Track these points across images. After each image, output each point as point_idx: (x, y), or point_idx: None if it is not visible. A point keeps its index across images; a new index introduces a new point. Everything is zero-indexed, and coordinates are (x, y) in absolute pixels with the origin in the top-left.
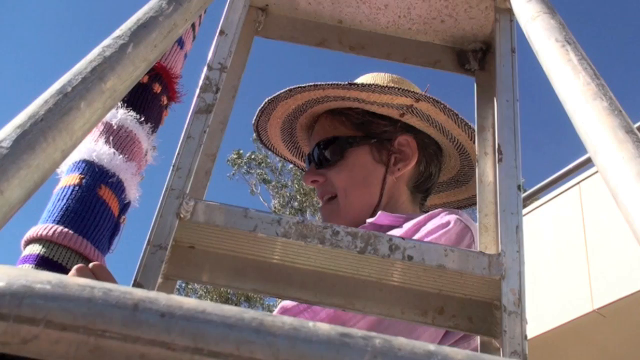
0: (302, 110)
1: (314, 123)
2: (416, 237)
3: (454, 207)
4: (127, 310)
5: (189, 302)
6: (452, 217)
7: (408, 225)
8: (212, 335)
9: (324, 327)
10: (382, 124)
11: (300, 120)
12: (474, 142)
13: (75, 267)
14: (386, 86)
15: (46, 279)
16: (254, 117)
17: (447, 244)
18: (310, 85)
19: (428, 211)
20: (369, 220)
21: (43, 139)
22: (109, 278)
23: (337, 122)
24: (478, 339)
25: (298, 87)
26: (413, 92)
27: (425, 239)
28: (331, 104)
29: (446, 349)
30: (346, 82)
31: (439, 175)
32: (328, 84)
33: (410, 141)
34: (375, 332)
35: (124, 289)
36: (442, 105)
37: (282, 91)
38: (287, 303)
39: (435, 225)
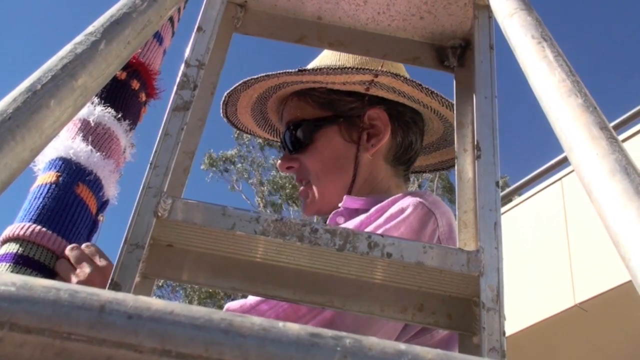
0: (266, 97)
1: (282, 105)
2: (378, 222)
3: (448, 165)
4: (93, 312)
5: (157, 303)
6: (413, 201)
7: (372, 211)
8: (180, 336)
9: (293, 328)
10: (348, 100)
11: (269, 104)
12: (446, 108)
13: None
14: (338, 67)
15: (10, 280)
16: (221, 110)
17: (408, 229)
18: (263, 76)
19: (419, 172)
20: (340, 205)
21: (11, 138)
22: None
23: (302, 104)
24: (440, 331)
25: (251, 79)
26: (369, 69)
27: (386, 225)
28: (293, 87)
29: (417, 348)
30: (296, 69)
31: (421, 141)
32: (280, 73)
33: (380, 114)
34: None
35: (91, 290)
36: (402, 78)
37: (237, 84)
38: (232, 304)
39: (395, 211)
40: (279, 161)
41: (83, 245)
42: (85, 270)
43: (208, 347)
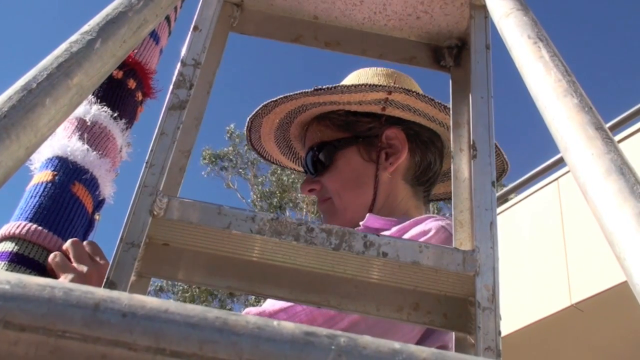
0: (287, 122)
1: (304, 131)
2: None
3: None
4: (87, 310)
5: (152, 302)
6: (435, 225)
7: (393, 230)
8: (175, 335)
9: (288, 326)
10: (366, 121)
11: (292, 131)
12: None
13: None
14: (352, 85)
15: (5, 278)
16: (245, 138)
17: None
18: (281, 98)
19: (441, 200)
20: (361, 223)
21: (6, 136)
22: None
23: (322, 127)
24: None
25: (271, 102)
26: (382, 85)
27: None
28: (314, 111)
29: (411, 347)
30: (312, 89)
31: (441, 162)
32: (297, 93)
33: (397, 133)
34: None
35: (85, 289)
36: (415, 94)
37: (257, 109)
38: (251, 310)
39: (417, 232)
40: (302, 185)
41: (85, 242)
42: (83, 267)
43: (202, 346)
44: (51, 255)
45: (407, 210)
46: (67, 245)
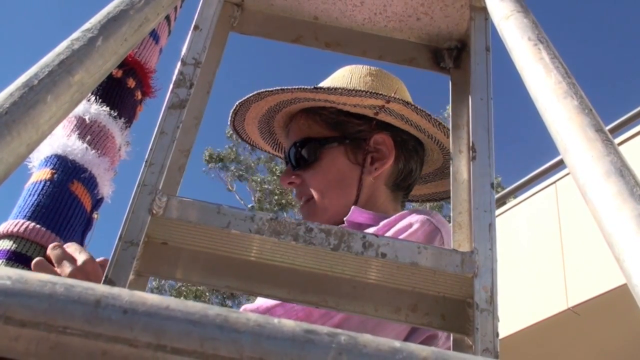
0: (275, 110)
1: (290, 121)
2: (386, 235)
3: (443, 197)
4: (88, 306)
5: (152, 298)
6: (421, 218)
7: (380, 224)
8: (176, 331)
9: (289, 324)
10: (356, 123)
11: (277, 118)
12: (449, 139)
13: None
14: (354, 89)
15: (6, 274)
16: (229, 118)
17: None
18: (278, 89)
19: (412, 201)
20: (345, 219)
21: (7, 133)
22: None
23: (311, 122)
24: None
25: (266, 91)
26: (382, 94)
27: None
28: (304, 104)
29: (411, 346)
30: (312, 87)
31: (420, 169)
32: (295, 88)
33: (386, 139)
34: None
35: (87, 285)
36: (413, 107)
37: (251, 94)
38: (248, 306)
39: (403, 226)
40: (281, 176)
41: (65, 245)
42: (65, 270)
43: (203, 343)
44: (33, 262)
45: (385, 212)
46: (48, 251)
